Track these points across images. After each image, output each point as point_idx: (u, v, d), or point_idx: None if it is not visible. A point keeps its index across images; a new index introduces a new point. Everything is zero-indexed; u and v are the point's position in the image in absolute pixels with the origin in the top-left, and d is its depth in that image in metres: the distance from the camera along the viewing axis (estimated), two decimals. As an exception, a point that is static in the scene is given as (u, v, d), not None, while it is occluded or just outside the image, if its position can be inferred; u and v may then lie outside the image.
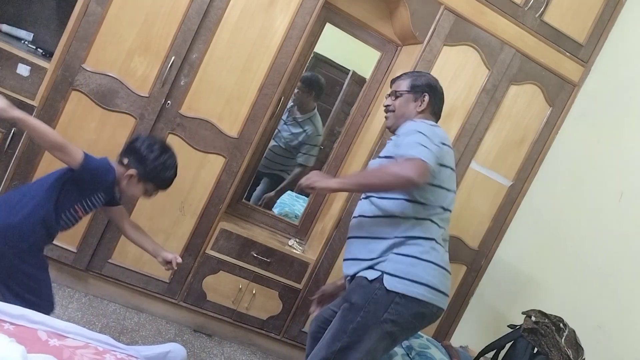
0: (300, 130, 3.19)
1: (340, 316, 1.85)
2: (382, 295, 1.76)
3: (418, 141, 1.76)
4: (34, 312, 1.39)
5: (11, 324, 1.34)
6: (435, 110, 2.08)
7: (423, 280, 1.78)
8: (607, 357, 2.27)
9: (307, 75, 3.11)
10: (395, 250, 1.82)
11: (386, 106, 2.10)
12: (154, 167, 1.85)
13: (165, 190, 1.96)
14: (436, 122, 2.04)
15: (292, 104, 3.12)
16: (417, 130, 1.83)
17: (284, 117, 3.12)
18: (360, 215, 1.99)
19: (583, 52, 2.98)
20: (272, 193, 3.23)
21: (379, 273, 1.79)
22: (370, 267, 1.84)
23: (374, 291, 1.78)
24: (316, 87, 3.17)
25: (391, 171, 1.74)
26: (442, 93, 2.10)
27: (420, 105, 2.03)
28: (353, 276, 1.90)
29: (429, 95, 2.03)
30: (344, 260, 1.99)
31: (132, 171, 1.83)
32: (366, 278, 1.82)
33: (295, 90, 3.07)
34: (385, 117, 2.12)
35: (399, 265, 1.78)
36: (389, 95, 2.11)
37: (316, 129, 3.22)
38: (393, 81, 2.14)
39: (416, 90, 2.04)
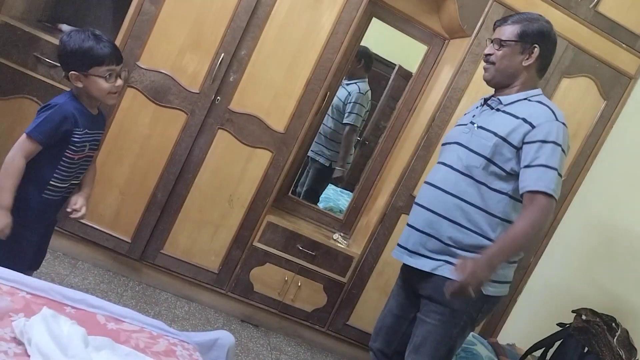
0: (346, 93, 3.25)
1: (441, 322, 1.80)
2: (478, 299, 1.74)
3: (559, 165, 1.66)
4: (93, 297, 1.47)
5: (72, 307, 1.42)
6: (544, 64, 1.82)
7: (508, 279, 1.83)
8: (662, 360, 2.19)
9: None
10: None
11: (487, 55, 1.82)
12: (79, 52, 1.67)
13: (117, 65, 1.75)
14: (541, 77, 1.85)
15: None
16: (557, 140, 1.67)
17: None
18: (455, 196, 1.78)
19: (640, 43, 2.87)
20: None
21: None
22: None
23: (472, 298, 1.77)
24: (365, 56, 3.20)
25: (529, 230, 1.65)
26: (555, 42, 1.81)
27: (527, 59, 1.77)
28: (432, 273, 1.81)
29: (540, 47, 1.76)
30: (417, 232, 1.83)
31: (72, 74, 1.70)
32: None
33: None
34: (484, 69, 1.85)
35: (496, 273, 1.76)
36: (492, 42, 1.82)
37: (359, 88, 3.26)
38: (497, 25, 1.84)
39: (526, 40, 1.75)
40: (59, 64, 1.78)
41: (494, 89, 1.89)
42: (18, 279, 1.40)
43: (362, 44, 3.03)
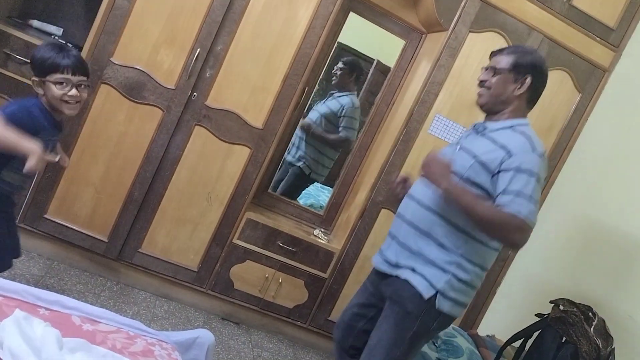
0: (338, 105, 3.23)
1: (394, 323, 1.85)
2: (432, 310, 1.81)
3: (534, 195, 1.69)
4: (68, 298, 1.44)
5: (46, 309, 1.39)
6: (534, 96, 1.90)
7: (466, 303, 1.88)
8: (637, 347, 2.23)
9: (350, 58, 3.18)
10: (454, 271, 1.81)
11: (482, 81, 1.91)
12: (38, 58, 1.78)
13: (74, 76, 1.79)
14: (530, 109, 1.91)
15: (333, 82, 3.20)
16: (533, 170, 1.71)
17: (321, 100, 3.23)
18: (432, 209, 1.84)
19: (614, 36, 2.91)
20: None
21: (434, 292, 1.80)
22: (423, 277, 1.82)
23: (426, 304, 1.81)
24: (357, 69, 3.22)
25: (507, 227, 1.66)
26: (546, 76, 1.90)
27: (519, 88, 1.84)
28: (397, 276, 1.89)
29: (532, 78, 1.84)
30: (396, 244, 1.91)
31: (33, 79, 1.79)
32: (421, 294, 1.80)
33: (339, 72, 3.15)
34: (478, 94, 1.93)
35: (453, 291, 1.82)
36: (487, 69, 1.91)
37: (353, 103, 3.24)
38: (494, 54, 1.93)
39: (519, 70, 1.84)
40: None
41: (484, 115, 1.96)
42: (-11, 281, 1.36)
43: (339, 39, 3.02)
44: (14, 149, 1.59)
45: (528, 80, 1.84)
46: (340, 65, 3.14)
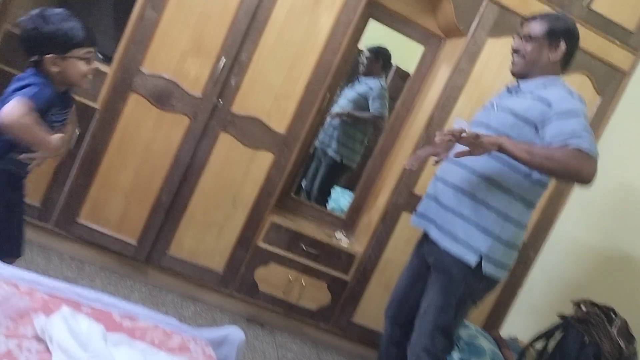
0: (366, 87, 3.31)
1: (440, 289, 1.93)
2: (477, 274, 1.89)
3: (587, 129, 1.69)
4: (107, 296, 1.51)
5: (88, 306, 1.46)
6: (568, 59, 1.94)
7: (509, 265, 1.95)
8: (661, 348, 2.23)
9: (375, 46, 3.28)
10: (498, 232, 1.87)
11: (515, 49, 1.96)
12: (59, 34, 1.59)
13: (93, 45, 1.69)
14: (565, 70, 1.96)
15: (360, 70, 3.31)
16: (576, 109, 1.74)
17: (348, 85, 3.34)
18: (475, 172, 1.89)
19: (634, 39, 2.91)
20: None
21: (478, 258, 1.86)
22: (466, 242, 1.87)
23: (470, 269, 1.88)
24: (382, 55, 3.31)
25: (573, 162, 1.63)
26: (578, 39, 1.94)
27: (554, 54, 1.89)
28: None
29: (566, 43, 1.89)
30: (435, 204, 1.98)
31: (49, 57, 1.60)
32: (464, 259, 1.87)
33: (365, 60, 3.27)
34: (512, 62, 1.98)
35: (496, 253, 1.89)
36: (521, 37, 1.95)
37: (381, 84, 3.31)
38: (526, 21, 1.97)
39: (552, 36, 1.88)
40: (24, 49, 1.67)
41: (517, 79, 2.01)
42: (36, 279, 1.43)
43: (359, 45, 3.08)
44: (34, 145, 1.51)
45: (562, 45, 1.88)
46: (366, 53, 3.25)
